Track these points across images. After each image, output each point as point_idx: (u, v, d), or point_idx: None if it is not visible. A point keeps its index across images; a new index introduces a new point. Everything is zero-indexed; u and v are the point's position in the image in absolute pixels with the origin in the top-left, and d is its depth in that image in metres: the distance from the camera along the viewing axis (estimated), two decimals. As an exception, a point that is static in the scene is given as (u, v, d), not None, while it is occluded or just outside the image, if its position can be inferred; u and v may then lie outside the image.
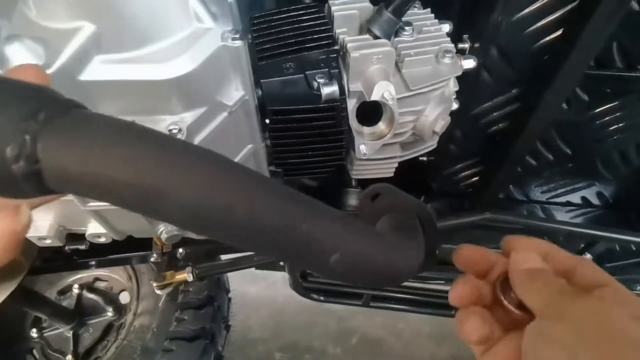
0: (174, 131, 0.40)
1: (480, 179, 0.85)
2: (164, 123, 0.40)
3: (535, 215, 0.90)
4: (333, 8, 0.54)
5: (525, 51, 0.58)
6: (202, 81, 0.40)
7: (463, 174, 0.85)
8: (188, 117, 0.42)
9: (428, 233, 0.35)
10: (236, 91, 0.45)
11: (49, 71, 0.35)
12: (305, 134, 0.53)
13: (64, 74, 0.36)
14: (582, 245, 1.04)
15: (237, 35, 0.40)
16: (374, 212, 0.36)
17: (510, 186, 0.88)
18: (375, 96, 0.51)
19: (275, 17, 0.53)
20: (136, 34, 0.37)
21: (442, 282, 1.17)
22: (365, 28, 0.54)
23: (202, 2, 0.39)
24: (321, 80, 0.48)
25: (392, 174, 0.62)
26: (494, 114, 0.70)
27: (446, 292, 1.21)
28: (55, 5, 0.35)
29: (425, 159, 0.83)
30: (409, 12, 0.57)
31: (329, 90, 0.47)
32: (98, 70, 0.37)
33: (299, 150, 0.55)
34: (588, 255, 0.96)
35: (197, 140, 0.43)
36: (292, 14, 0.53)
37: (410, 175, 0.76)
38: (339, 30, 0.53)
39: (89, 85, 0.37)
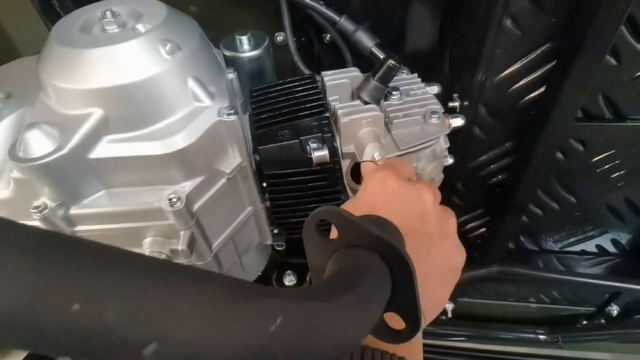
0: (174, 200, 0.43)
1: (487, 230, 0.85)
2: (164, 192, 0.44)
3: (550, 266, 0.88)
4: (325, 78, 0.59)
5: (511, 108, 0.61)
6: (200, 153, 0.44)
7: (469, 225, 0.85)
8: (188, 185, 0.45)
9: (401, 280, 0.25)
10: (233, 159, 0.49)
11: (62, 152, 0.39)
12: (302, 195, 0.55)
13: (76, 154, 0.40)
14: (607, 296, 0.99)
15: (232, 111, 0.44)
16: (325, 248, 0.27)
17: (521, 236, 0.87)
18: (366, 157, 0.53)
19: (272, 89, 0.58)
20: (140, 116, 0.41)
21: (462, 339, 1.12)
22: (356, 94, 0.58)
23: (200, 84, 0.44)
24: (313, 145, 0.51)
25: (391, 230, 0.63)
26: (492, 166, 0.72)
27: (469, 349, 1.14)
28: (70, 94, 0.40)
29: (430, 211, 0.84)
30: (397, 77, 0.61)
31: (319, 154, 0.49)
32: (105, 149, 0.41)
33: (297, 210, 0.57)
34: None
35: (196, 206, 0.46)
36: (287, 85, 0.58)
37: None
38: (331, 98, 0.57)
39: (97, 162, 0.41)
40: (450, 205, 0.80)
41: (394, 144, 0.55)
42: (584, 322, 1.05)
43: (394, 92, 0.57)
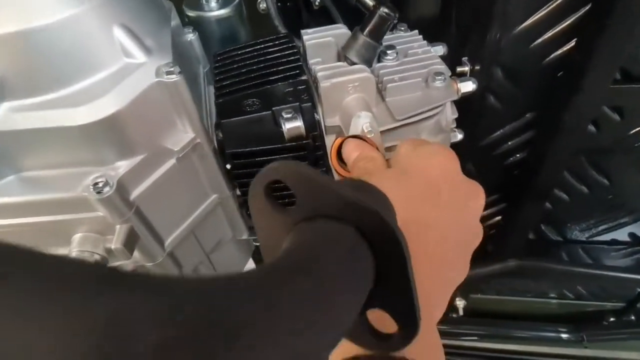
0: (100, 184, 0.33)
1: (503, 219, 0.74)
2: (91, 176, 0.34)
3: (576, 258, 0.77)
4: (305, 37, 0.48)
5: (534, 69, 0.50)
6: (136, 123, 0.34)
7: (483, 213, 0.74)
8: (123, 166, 0.36)
9: (390, 265, 0.17)
10: (184, 134, 0.39)
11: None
12: (277, 179, 0.46)
13: (-37, 127, 0.30)
14: (639, 290, 0.89)
15: (172, 69, 0.34)
16: (281, 221, 0.19)
17: (542, 225, 0.77)
18: (353, 130, 0.43)
19: (239, 52, 0.48)
20: (49, 75, 0.32)
21: (475, 338, 1.02)
22: (342, 55, 0.47)
23: (132, 36, 0.34)
24: (286, 116, 0.41)
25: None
26: (509, 143, 0.61)
27: (482, 349, 1.04)
28: (-45, 50, 0.31)
29: (437, 198, 0.74)
30: (394, 35, 0.51)
31: (291, 125, 0.40)
32: (6, 119, 0.32)
33: (274, 198, 0.48)
34: None
35: (135, 193, 0.37)
36: (258, 47, 0.48)
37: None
38: (312, 60, 0.47)
39: (-4, 136, 0.32)
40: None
41: (389, 114, 0.45)
42: (612, 319, 0.95)
43: (389, 52, 0.47)
